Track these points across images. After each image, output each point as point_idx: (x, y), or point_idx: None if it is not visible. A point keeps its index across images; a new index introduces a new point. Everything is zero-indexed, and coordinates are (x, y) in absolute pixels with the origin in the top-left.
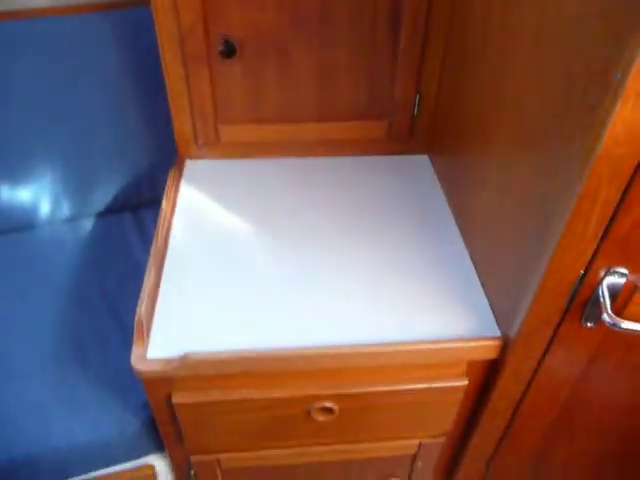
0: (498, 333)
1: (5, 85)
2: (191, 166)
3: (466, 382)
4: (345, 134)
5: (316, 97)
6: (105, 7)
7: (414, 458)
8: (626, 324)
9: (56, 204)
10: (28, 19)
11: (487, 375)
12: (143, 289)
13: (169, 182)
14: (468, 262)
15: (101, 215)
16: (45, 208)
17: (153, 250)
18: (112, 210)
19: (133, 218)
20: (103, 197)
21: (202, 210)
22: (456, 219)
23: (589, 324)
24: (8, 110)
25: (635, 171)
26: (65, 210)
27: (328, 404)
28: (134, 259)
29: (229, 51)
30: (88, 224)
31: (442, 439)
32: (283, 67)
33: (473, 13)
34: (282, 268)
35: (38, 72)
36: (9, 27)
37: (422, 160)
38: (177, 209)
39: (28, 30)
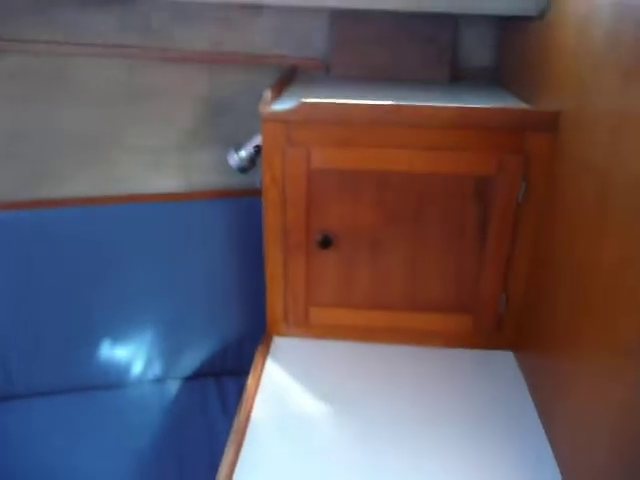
0: None
1: (123, 256)
2: (279, 343)
3: None
4: (431, 325)
5: (405, 288)
6: (222, 194)
7: None
8: None
9: (147, 365)
10: (153, 202)
11: None
12: (222, 466)
13: (256, 358)
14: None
15: (187, 379)
16: (137, 368)
17: (235, 427)
18: (197, 375)
19: (216, 385)
20: (191, 362)
21: (286, 390)
22: (541, 418)
23: None
24: (116, 277)
25: None
26: (154, 371)
27: None
28: (212, 428)
29: (326, 243)
30: (173, 387)
31: None
32: (375, 259)
33: (560, 217)
34: (363, 457)
35: (146, 248)
36: (137, 208)
37: (507, 356)
38: (261, 387)
39: (151, 212)
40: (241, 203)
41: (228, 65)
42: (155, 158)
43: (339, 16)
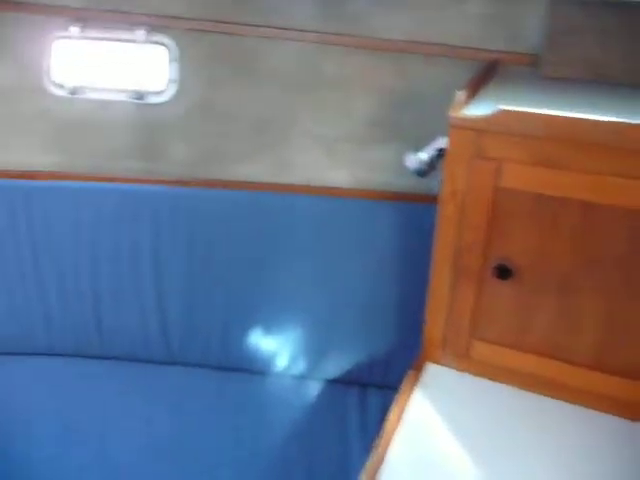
0: None
1: (283, 247)
2: (432, 372)
3: None
4: (618, 391)
5: (595, 342)
6: (393, 196)
7: None
8: None
9: (292, 360)
10: (320, 195)
11: None
12: None
13: (404, 384)
14: None
15: (329, 382)
16: (282, 361)
17: (369, 463)
18: (340, 380)
19: (359, 394)
20: (335, 365)
21: (431, 429)
22: None
23: None
24: (275, 266)
25: None
26: (298, 368)
27: None
28: (347, 442)
29: (504, 273)
30: (314, 387)
31: None
32: (562, 301)
33: None
34: None
35: (307, 241)
36: (304, 200)
37: None
38: (404, 419)
39: (317, 205)
40: (412, 209)
41: (420, 56)
42: (328, 147)
43: (559, 2)
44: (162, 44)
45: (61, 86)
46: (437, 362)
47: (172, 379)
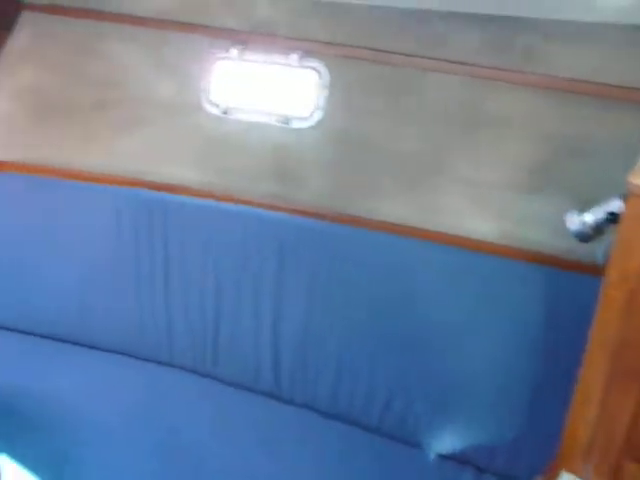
0: None
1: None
2: None
3: None
4: None
5: None
6: (545, 259)
7: None
8: None
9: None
10: (463, 247)
11: None
12: None
13: None
14: None
15: (442, 457)
16: (391, 421)
17: None
18: (455, 458)
19: (473, 477)
20: (452, 441)
21: None
22: None
23: None
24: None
25: None
26: (410, 433)
27: None
28: None
29: None
30: (425, 459)
31: None
32: None
33: None
34: None
35: (443, 293)
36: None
37: None
38: None
39: (458, 258)
40: (567, 278)
41: (595, 98)
42: (477, 193)
43: None
44: (314, 69)
45: (216, 105)
46: (575, 473)
47: (273, 414)
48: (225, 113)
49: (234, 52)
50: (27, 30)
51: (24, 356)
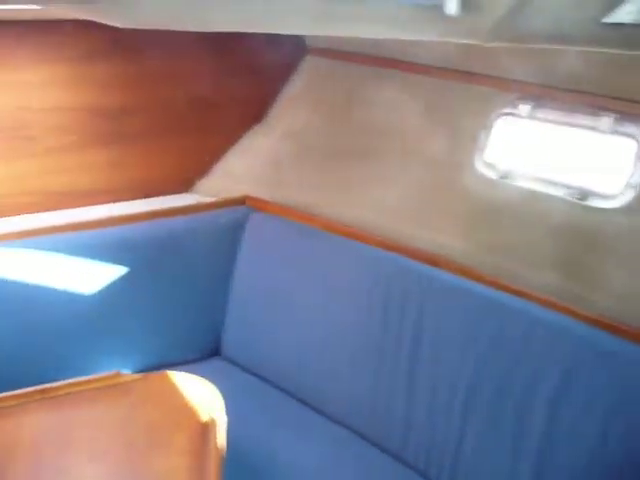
0: None
1: None
2: None
3: None
4: None
5: None
6: None
7: None
8: None
9: None
10: None
11: None
12: None
13: None
14: None
15: None
16: None
17: None
18: None
19: None
20: None
21: None
22: None
23: None
24: None
25: None
26: None
27: None
28: None
29: None
30: None
31: None
32: None
33: None
34: None
35: None
36: None
37: None
38: None
39: None
40: None
41: None
42: None
43: None
44: (631, 136)
45: (492, 167)
46: None
47: None
48: (503, 177)
49: (523, 108)
50: (306, 74)
51: (258, 404)
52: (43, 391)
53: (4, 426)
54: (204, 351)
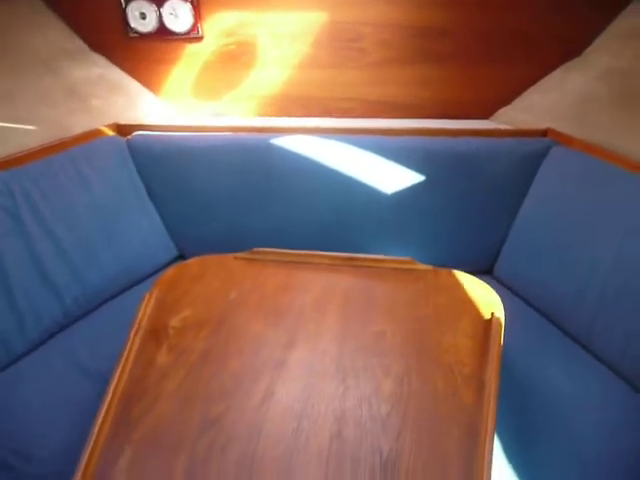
0: None
1: None
2: None
3: None
4: None
5: None
6: None
7: None
8: None
9: None
10: None
11: None
12: None
13: None
14: None
15: None
16: None
17: None
18: None
19: None
20: None
21: None
22: None
23: None
24: None
25: None
26: None
27: None
28: None
29: None
30: None
31: None
32: None
33: None
34: None
35: None
36: None
37: None
38: None
39: None
40: None
41: None
42: None
43: None
44: None
45: None
46: None
47: None
48: None
49: None
50: (638, 12)
51: (522, 327)
52: (351, 259)
53: (318, 277)
54: (476, 267)
